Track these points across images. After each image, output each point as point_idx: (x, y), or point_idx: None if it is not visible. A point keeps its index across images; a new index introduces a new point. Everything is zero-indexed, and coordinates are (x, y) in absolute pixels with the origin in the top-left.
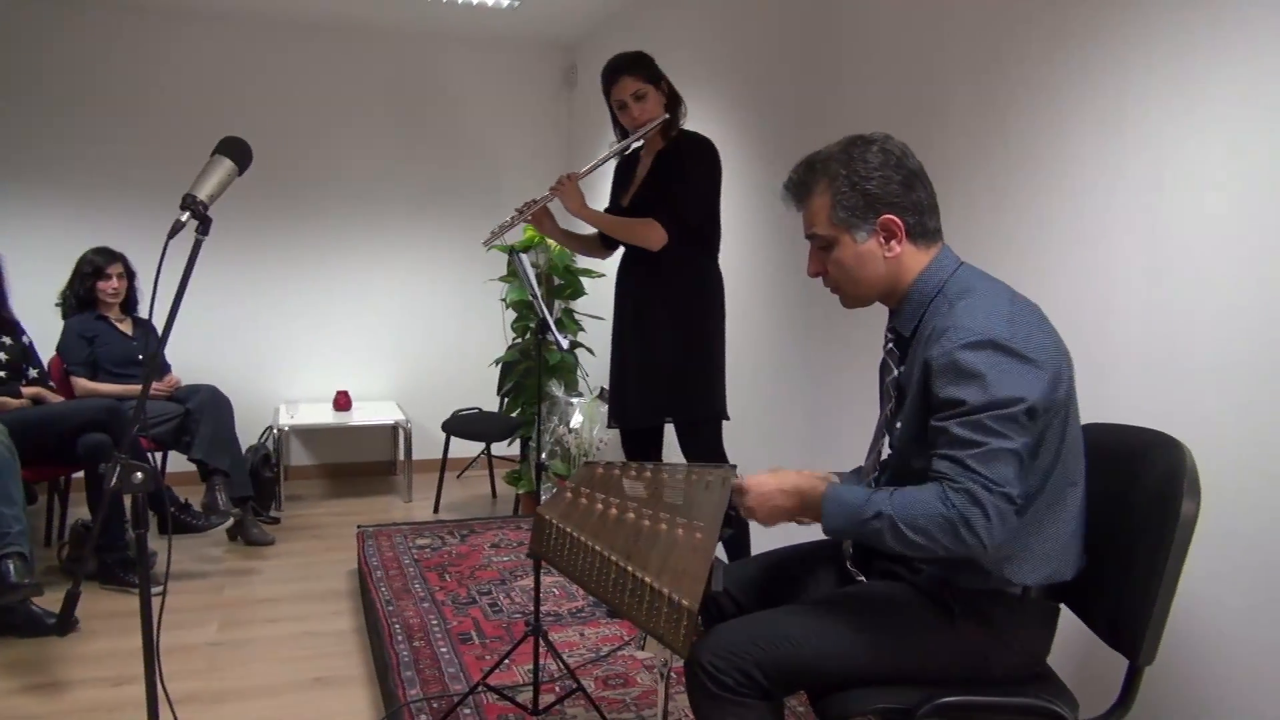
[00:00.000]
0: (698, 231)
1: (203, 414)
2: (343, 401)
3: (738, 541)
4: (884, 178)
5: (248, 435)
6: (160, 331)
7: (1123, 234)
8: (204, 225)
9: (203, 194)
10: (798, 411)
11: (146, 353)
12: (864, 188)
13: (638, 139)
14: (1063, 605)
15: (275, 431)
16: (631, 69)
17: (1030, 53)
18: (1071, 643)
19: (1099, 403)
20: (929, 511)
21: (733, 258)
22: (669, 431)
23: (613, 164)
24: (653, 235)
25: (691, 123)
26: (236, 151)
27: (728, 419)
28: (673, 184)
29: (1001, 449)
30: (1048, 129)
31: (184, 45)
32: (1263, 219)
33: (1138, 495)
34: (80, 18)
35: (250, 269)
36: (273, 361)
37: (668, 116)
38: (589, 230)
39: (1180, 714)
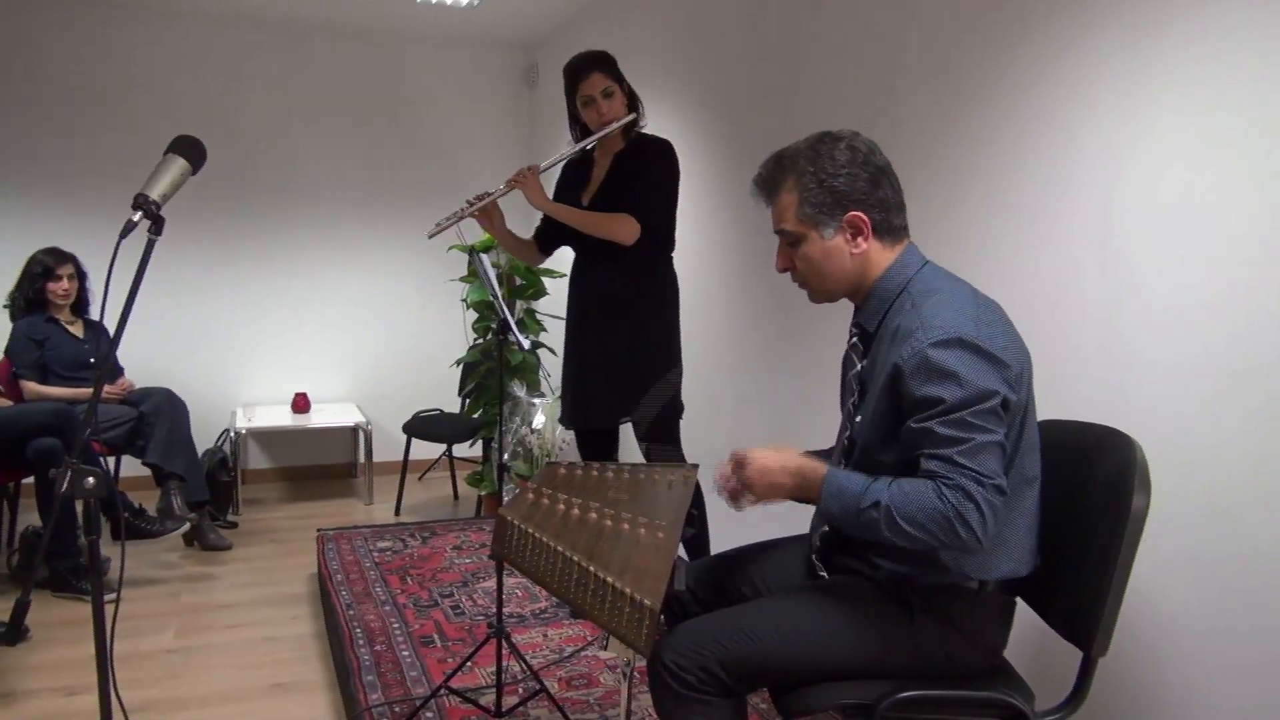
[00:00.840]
0: (658, 232)
1: (157, 417)
2: (301, 403)
3: (698, 540)
4: (851, 175)
5: (204, 438)
6: (112, 334)
7: (1076, 234)
8: (157, 225)
9: (155, 193)
10: (760, 404)
11: (98, 355)
12: (831, 185)
13: (604, 135)
14: (1018, 599)
15: (232, 434)
16: (602, 66)
17: (985, 55)
18: (1027, 636)
19: (1054, 400)
20: (926, 507)
21: (694, 255)
22: (624, 430)
23: (559, 165)
24: (627, 229)
25: (651, 122)
26: (190, 150)
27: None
28: (637, 184)
29: (986, 442)
30: (1003, 131)
31: (138, 42)
32: (1212, 220)
33: (1091, 490)
34: (29, 13)
35: (207, 269)
36: (229, 363)
37: (634, 116)
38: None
39: (1133, 703)
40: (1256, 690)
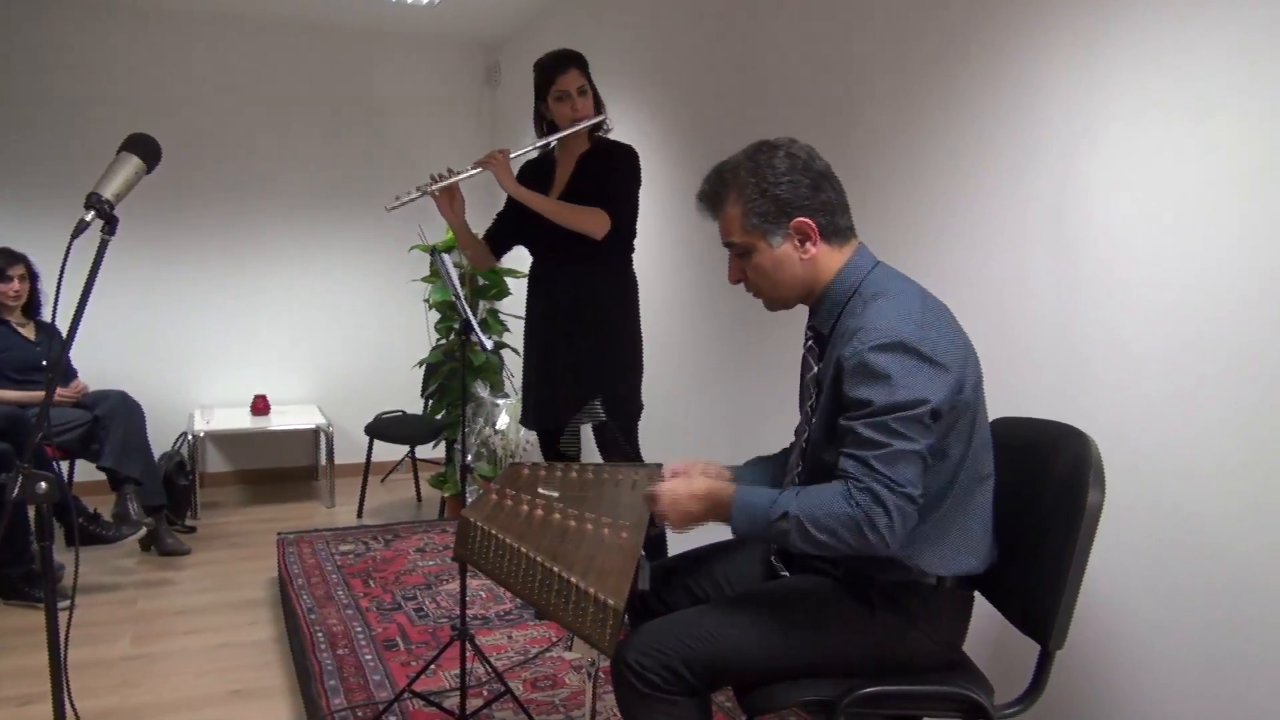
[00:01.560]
0: (622, 234)
1: (112, 420)
2: (261, 405)
3: (657, 541)
4: (792, 182)
5: (161, 442)
6: (65, 335)
7: (1030, 235)
8: (110, 225)
9: (108, 193)
10: (721, 408)
11: (50, 357)
12: (774, 193)
13: (575, 131)
14: (976, 594)
15: (190, 437)
16: (579, 64)
17: (941, 61)
18: (986, 630)
19: (1009, 398)
20: (834, 511)
21: (656, 257)
22: (584, 430)
23: (518, 162)
24: (599, 222)
25: (612, 123)
26: (144, 148)
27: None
28: (607, 183)
29: (905, 450)
30: (959, 133)
31: (90, 36)
32: (1161, 222)
33: (1046, 486)
34: None
35: (163, 269)
36: (186, 365)
37: (602, 118)
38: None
39: (1090, 696)
40: (1209, 682)
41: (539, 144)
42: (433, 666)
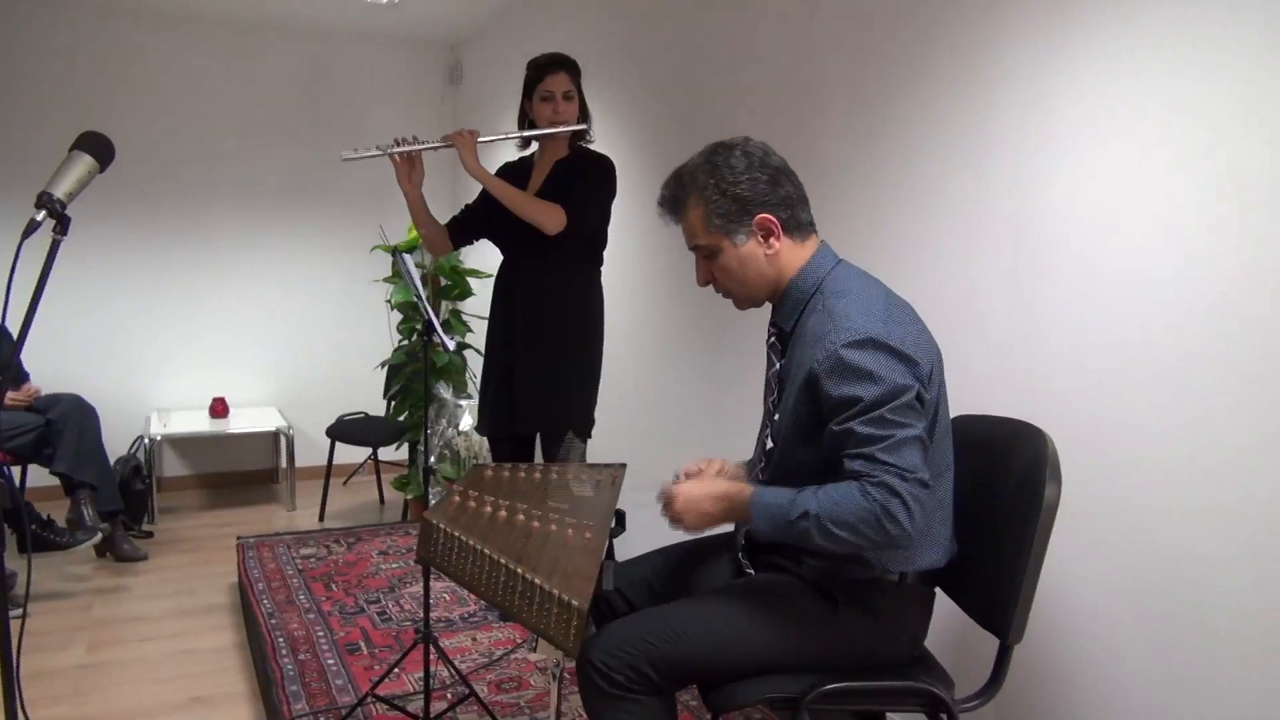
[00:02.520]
0: (591, 243)
1: (65, 424)
2: (219, 408)
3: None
4: (751, 180)
5: (116, 446)
6: (16, 337)
7: (987, 235)
8: (62, 225)
9: (60, 192)
10: (693, 411)
11: (1, 360)
12: (734, 193)
13: (553, 133)
14: (938, 590)
15: (146, 441)
16: (570, 68)
17: (901, 60)
18: (947, 626)
19: (968, 395)
20: (853, 508)
21: (618, 262)
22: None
23: (499, 160)
24: (554, 217)
25: (595, 136)
26: (97, 147)
27: (590, 437)
28: (572, 189)
29: (906, 437)
30: (918, 135)
31: (41, 31)
32: (1110, 222)
33: (1005, 482)
34: None
35: (117, 270)
36: (143, 367)
37: (584, 126)
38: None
39: (1048, 689)
40: (1163, 672)
41: (511, 135)
42: (396, 670)
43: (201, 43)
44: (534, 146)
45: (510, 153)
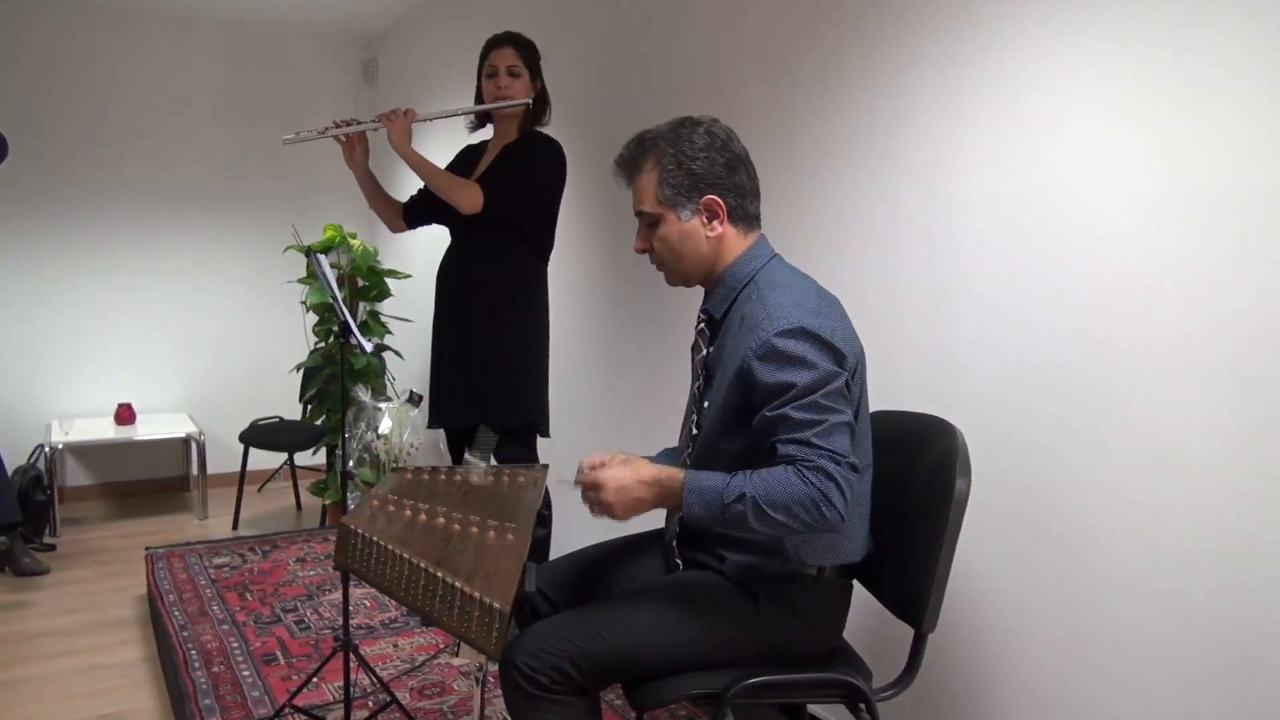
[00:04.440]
0: (522, 231)
1: None
2: (125, 414)
3: (539, 542)
4: (709, 159)
5: (15, 455)
6: None
7: (904, 236)
8: None
9: None
10: (630, 406)
11: None
12: (689, 167)
13: (492, 109)
14: (855, 582)
15: (47, 450)
16: (518, 45)
17: (819, 66)
18: (864, 617)
19: (885, 391)
20: (790, 491)
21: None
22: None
23: (456, 145)
24: (469, 196)
25: (550, 118)
26: None
27: (546, 435)
28: (505, 169)
29: (838, 423)
30: (835, 140)
31: None
32: (1019, 221)
33: (918, 476)
34: None
35: (13, 271)
36: (42, 373)
37: (528, 102)
38: (403, 195)
39: (962, 676)
40: (1071, 657)
41: (447, 113)
42: (315, 680)
43: (103, 34)
44: (490, 129)
45: (477, 138)
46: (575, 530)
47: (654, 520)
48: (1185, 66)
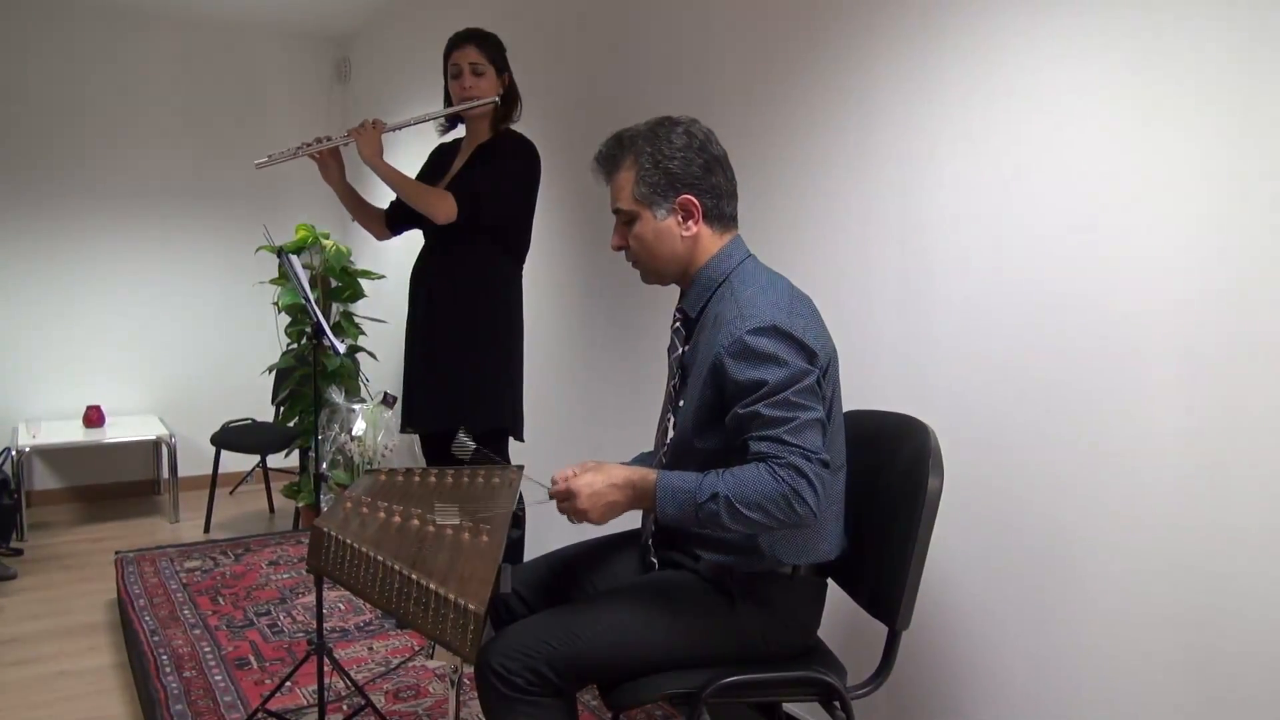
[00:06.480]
0: (497, 234)
1: None
2: (95, 417)
3: (514, 544)
4: (686, 159)
5: None
6: None
7: (878, 235)
8: None
9: None
10: (605, 409)
11: None
12: (666, 167)
13: (458, 110)
14: (829, 581)
15: (14, 453)
16: (480, 42)
17: (795, 67)
18: (838, 615)
19: (860, 390)
20: (762, 489)
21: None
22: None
23: (429, 145)
24: (442, 206)
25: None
26: None
27: (520, 440)
28: (475, 174)
29: (810, 420)
30: (811, 141)
31: None
32: (991, 223)
33: (891, 474)
34: None
35: None
36: (9, 375)
37: (497, 100)
38: (383, 200)
39: (936, 673)
40: (1043, 652)
41: (414, 120)
42: (288, 684)
43: (74, 32)
44: (461, 129)
45: (450, 136)
46: (551, 531)
47: (630, 521)
48: (1153, 69)
